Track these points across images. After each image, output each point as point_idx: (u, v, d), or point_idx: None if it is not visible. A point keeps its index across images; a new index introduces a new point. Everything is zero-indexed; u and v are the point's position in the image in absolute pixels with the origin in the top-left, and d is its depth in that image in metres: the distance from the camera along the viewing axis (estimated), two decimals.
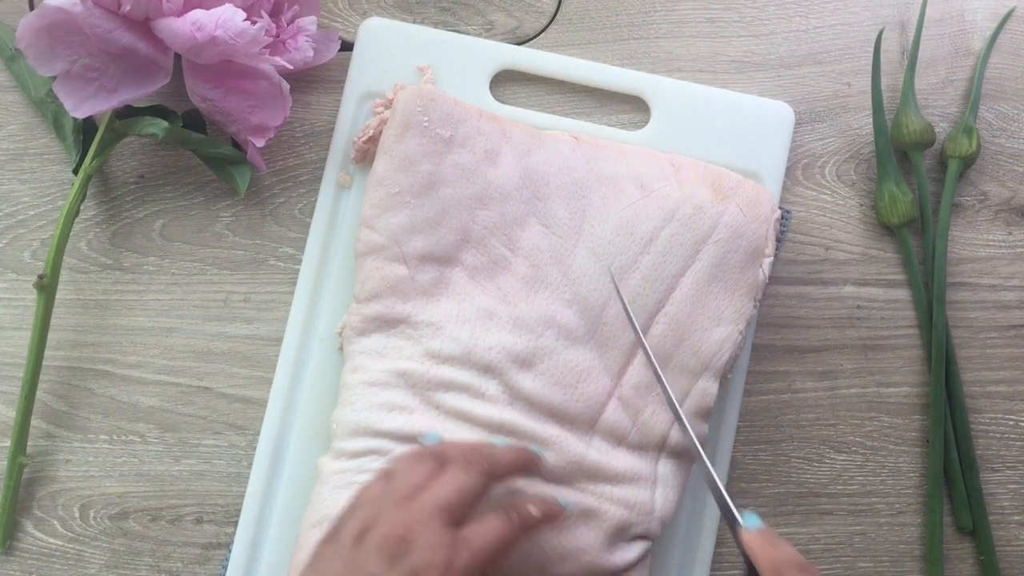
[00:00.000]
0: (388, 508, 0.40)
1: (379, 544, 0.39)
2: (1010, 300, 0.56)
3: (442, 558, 0.38)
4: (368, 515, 0.40)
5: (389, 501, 0.41)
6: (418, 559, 0.38)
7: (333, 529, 0.41)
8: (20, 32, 0.46)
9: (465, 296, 0.50)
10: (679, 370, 0.50)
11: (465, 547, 0.39)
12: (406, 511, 0.40)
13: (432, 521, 0.39)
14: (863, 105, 0.57)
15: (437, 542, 0.39)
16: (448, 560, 0.38)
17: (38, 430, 0.53)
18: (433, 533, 0.39)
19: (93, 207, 0.55)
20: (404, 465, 0.43)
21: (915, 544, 0.55)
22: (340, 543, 0.40)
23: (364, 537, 0.39)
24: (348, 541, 0.40)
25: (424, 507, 0.40)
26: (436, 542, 0.39)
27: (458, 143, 0.50)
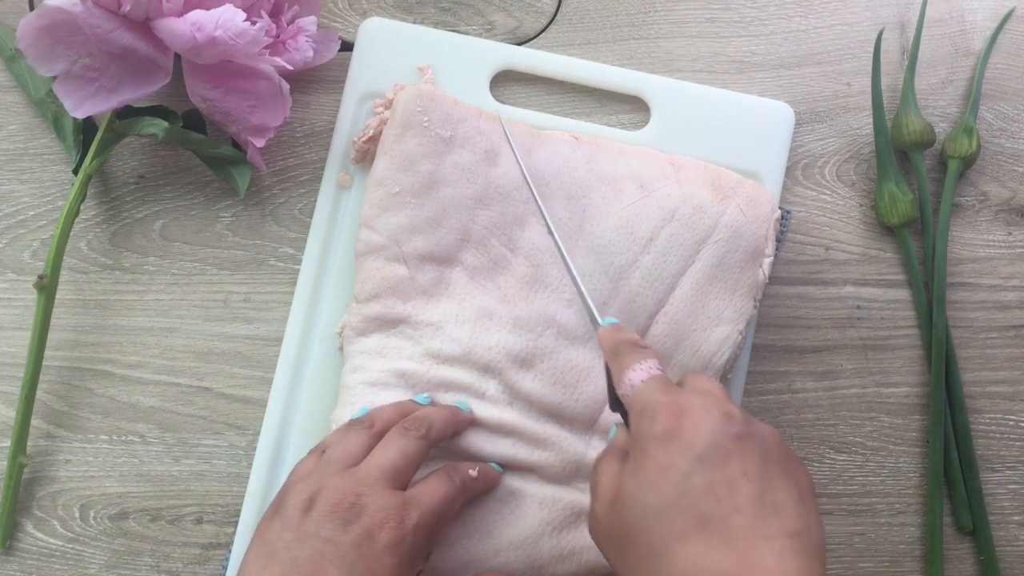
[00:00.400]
0: (331, 477, 0.41)
1: (330, 511, 0.40)
2: (1010, 300, 0.56)
3: (394, 517, 0.40)
4: (311, 487, 0.41)
5: (330, 471, 0.42)
6: (370, 520, 0.40)
7: (273, 506, 0.42)
8: (20, 32, 0.46)
9: (465, 296, 0.50)
10: (679, 369, 0.50)
11: (414, 506, 0.41)
12: (351, 478, 0.41)
13: (379, 485, 0.41)
14: (863, 105, 0.57)
15: (387, 503, 0.40)
16: (399, 519, 0.40)
17: (38, 430, 0.53)
18: (381, 495, 0.41)
19: (93, 207, 0.55)
20: (336, 438, 0.44)
21: (915, 544, 0.55)
22: (286, 516, 0.40)
23: (311, 507, 0.40)
24: (295, 513, 0.40)
25: (370, 472, 0.41)
26: (386, 503, 0.40)
27: (458, 143, 0.50)
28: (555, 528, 0.47)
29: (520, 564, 0.47)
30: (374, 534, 0.40)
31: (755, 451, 0.36)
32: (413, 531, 0.41)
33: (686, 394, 0.37)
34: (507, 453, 0.48)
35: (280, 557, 0.39)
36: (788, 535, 0.34)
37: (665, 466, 0.35)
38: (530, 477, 0.48)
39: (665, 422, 0.36)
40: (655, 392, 0.38)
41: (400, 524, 0.40)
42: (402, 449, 0.43)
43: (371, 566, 0.39)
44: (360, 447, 0.43)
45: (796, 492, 0.35)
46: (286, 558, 0.39)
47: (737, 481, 0.34)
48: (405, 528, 0.40)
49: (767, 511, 0.34)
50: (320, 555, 0.39)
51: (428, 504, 0.42)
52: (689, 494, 0.34)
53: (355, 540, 0.39)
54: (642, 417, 0.37)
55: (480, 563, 0.46)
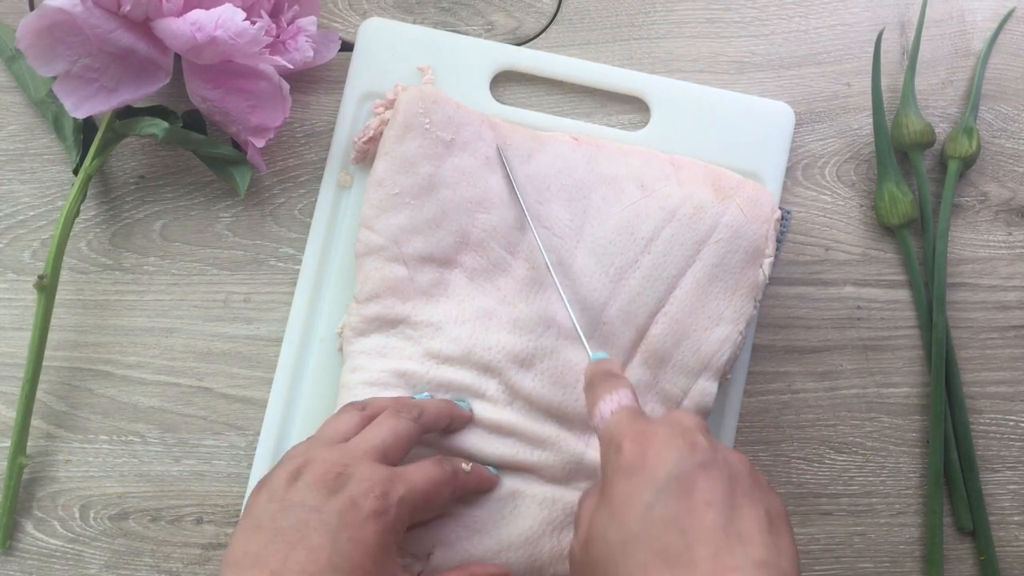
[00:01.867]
0: (320, 451, 0.41)
1: (315, 480, 0.40)
2: (1010, 300, 0.56)
3: (379, 488, 0.40)
4: (298, 461, 0.42)
5: (319, 446, 0.42)
6: (356, 489, 0.40)
7: (262, 481, 0.42)
8: (20, 32, 0.46)
9: (464, 297, 0.50)
10: (678, 369, 0.50)
11: (400, 480, 0.41)
12: (340, 451, 0.41)
13: (366, 458, 0.41)
14: (863, 105, 0.57)
15: (373, 475, 0.40)
16: (385, 490, 0.40)
17: (38, 430, 0.53)
18: (368, 467, 0.41)
19: (93, 207, 0.55)
20: (330, 419, 0.45)
21: (915, 545, 0.55)
22: (273, 488, 0.41)
23: (298, 478, 0.40)
24: (281, 484, 0.41)
25: (359, 446, 0.42)
26: (372, 475, 0.40)
27: (459, 146, 0.50)
28: (555, 528, 0.47)
29: (521, 564, 0.47)
30: (359, 503, 0.40)
31: (721, 479, 0.35)
32: (398, 504, 0.40)
33: (653, 424, 0.37)
34: (507, 453, 0.48)
35: (265, 527, 0.39)
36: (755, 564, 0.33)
37: (628, 498, 0.35)
38: (530, 477, 0.48)
39: (629, 452, 0.36)
40: (622, 422, 0.37)
41: (385, 495, 0.40)
42: (392, 428, 0.43)
43: (354, 534, 0.39)
44: (351, 427, 0.44)
45: (765, 520, 0.34)
46: (271, 527, 0.39)
47: (701, 511, 0.34)
48: (390, 499, 0.40)
49: (733, 541, 0.33)
50: (304, 523, 0.39)
51: (415, 481, 0.42)
52: (652, 526, 0.34)
53: (339, 508, 0.39)
54: (609, 448, 0.37)
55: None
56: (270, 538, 0.39)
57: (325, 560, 0.38)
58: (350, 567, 0.38)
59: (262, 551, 0.38)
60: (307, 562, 0.38)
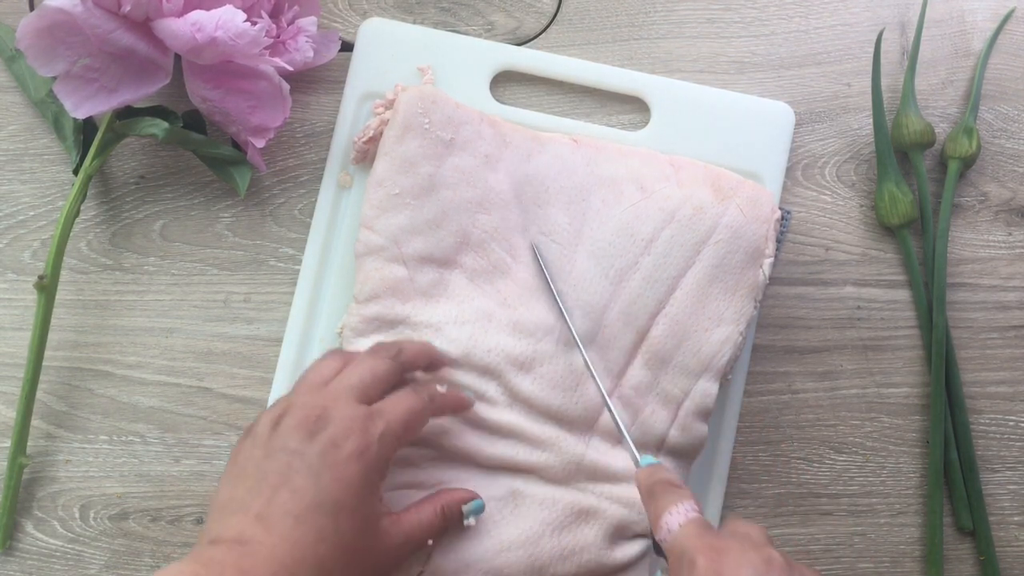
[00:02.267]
0: (301, 396, 0.42)
1: (296, 424, 0.41)
2: (1010, 301, 0.56)
3: (359, 427, 0.41)
4: (280, 407, 0.42)
5: (299, 392, 0.43)
6: (336, 430, 0.40)
7: (248, 429, 0.43)
8: (20, 32, 0.46)
9: (464, 298, 0.50)
10: (679, 370, 0.50)
11: (379, 417, 0.42)
12: (319, 394, 0.42)
13: (345, 398, 0.42)
14: (863, 105, 0.57)
15: (352, 414, 0.41)
16: (364, 428, 0.41)
17: (38, 430, 0.53)
18: (347, 407, 0.41)
19: (93, 207, 0.55)
20: (314, 364, 0.45)
21: (915, 545, 0.55)
22: (257, 435, 0.42)
23: (280, 423, 0.41)
24: (264, 431, 0.41)
25: (337, 388, 0.43)
26: (351, 414, 0.41)
27: (459, 146, 0.50)
28: (556, 528, 0.47)
29: (521, 564, 0.47)
30: (339, 443, 0.40)
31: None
32: (379, 440, 0.41)
33: (724, 538, 0.37)
34: (507, 454, 0.48)
35: (250, 473, 0.40)
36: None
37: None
38: (530, 478, 0.48)
39: (704, 569, 0.36)
40: (692, 536, 0.37)
41: (365, 432, 0.41)
42: (371, 367, 0.44)
43: (337, 474, 0.40)
44: (331, 371, 0.44)
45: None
46: (255, 473, 0.40)
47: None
48: (370, 437, 0.41)
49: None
50: (287, 466, 0.40)
51: (394, 415, 0.42)
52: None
53: (320, 450, 0.40)
54: (681, 562, 0.37)
55: (481, 563, 0.46)
56: (254, 483, 0.40)
57: (309, 500, 0.39)
58: (334, 505, 0.39)
59: (246, 496, 0.39)
60: (291, 503, 0.39)
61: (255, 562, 0.37)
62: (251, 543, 0.38)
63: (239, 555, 0.37)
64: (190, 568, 0.37)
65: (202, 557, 0.38)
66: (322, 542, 0.39)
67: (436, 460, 0.48)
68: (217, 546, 0.38)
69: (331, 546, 0.39)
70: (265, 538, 0.38)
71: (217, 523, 0.39)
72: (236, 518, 0.39)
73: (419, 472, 0.48)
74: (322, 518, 0.39)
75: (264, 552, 0.38)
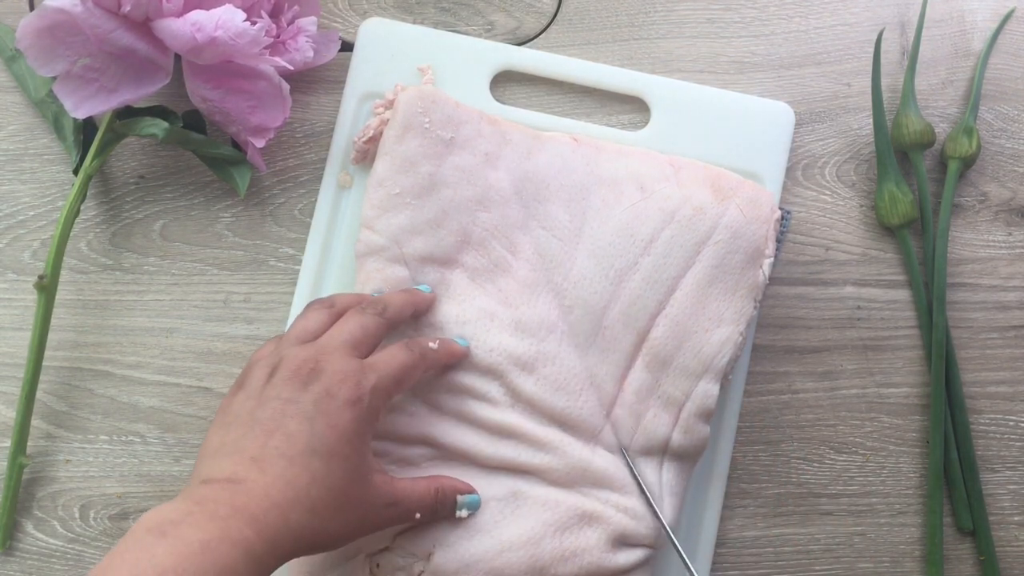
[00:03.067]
0: (291, 350, 0.43)
1: (290, 375, 0.42)
2: (1010, 301, 0.56)
3: (352, 378, 0.42)
4: (271, 360, 0.43)
5: (290, 345, 0.43)
6: (329, 380, 0.41)
7: (236, 384, 0.43)
8: (20, 32, 0.46)
9: (466, 297, 0.50)
10: (680, 372, 0.49)
11: (372, 370, 0.43)
12: (311, 347, 0.43)
13: (338, 351, 0.43)
14: (863, 105, 0.57)
15: (345, 366, 0.42)
16: (357, 380, 0.42)
17: (38, 430, 0.53)
18: (340, 359, 0.42)
19: (93, 207, 0.55)
20: (298, 318, 0.46)
21: (915, 545, 0.55)
22: (249, 387, 0.42)
23: (273, 375, 0.42)
24: (256, 385, 0.42)
25: (330, 342, 0.43)
26: (344, 366, 0.42)
27: (459, 145, 0.50)
28: (557, 529, 0.47)
29: (522, 564, 0.47)
30: (333, 392, 0.41)
31: None
32: (371, 392, 0.42)
33: None
34: (508, 455, 0.48)
35: (243, 420, 0.41)
36: None
37: None
38: (532, 479, 0.48)
39: None
40: None
41: (358, 384, 0.42)
42: (360, 323, 0.44)
43: (331, 420, 0.40)
44: (320, 325, 0.45)
45: None
46: (248, 420, 0.41)
47: None
48: (363, 388, 0.42)
49: None
50: (281, 413, 0.40)
51: (386, 368, 0.43)
52: None
53: (315, 398, 0.41)
54: None
55: (481, 563, 0.46)
56: (248, 428, 0.40)
57: (304, 444, 0.40)
58: (327, 451, 0.40)
59: (240, 440, 0.40)
60: (286, 446, 0.39)
61: (248, 500, 0.38)
62: (245, 482, 0.39)
63: (232, 493, 0.38)
64: (183, 506, 0.37)
65: (195, 495, 0.38)
66: (314, 484, 0.39)
67: (437, 460, 0.48)
68: (210, 485, 0.39)
69: (323, 489, 0.40)
70: (259, 478, 0.39)
71: (209, 466, 0.40)
72: (229, 460, 0.39)
73: (419, 472, 0.48)
74: (316, 461, 0.40)
75: (258, 491, 0.38)
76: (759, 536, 0.54)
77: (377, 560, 0.47)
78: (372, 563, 0.47)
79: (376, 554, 0.47)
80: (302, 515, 0.39)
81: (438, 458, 0.48)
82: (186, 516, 0.36)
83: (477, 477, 0.48)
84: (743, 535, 0.54)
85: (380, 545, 0.47)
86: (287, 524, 0.38)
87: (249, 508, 0.38)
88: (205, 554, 0.35)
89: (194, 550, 0.35)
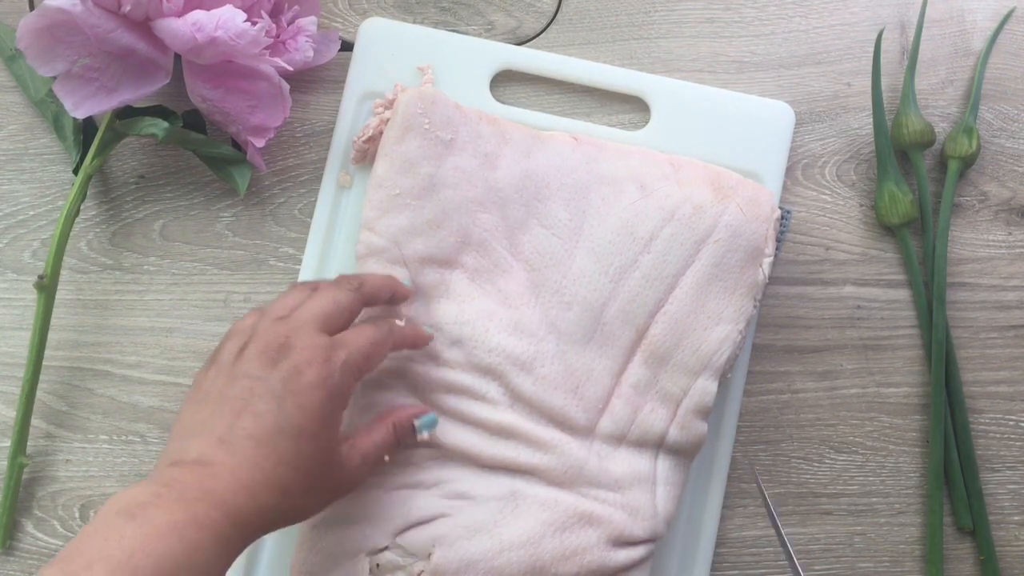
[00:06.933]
0: (264, 326, 0.43)
1: (259, 352, 0.42)
2: (1010, 300, 0.56)
3: (320, 355, 0.42)
4: (245, 335, 0.43)
5: (265, 321, 0.43)
6: (298, 357, 0.41)
7: (210, 358, 0.44)
8: (20, 32, 0.46)
9: (465, 298, 0.50)
10: (678, 369, 0.50)
11: (340, 346, 0.43)
12: (283, 324, 0.43)
13: (308, 327, 0.43)
14: (863, 105, 0.57)
15: (314, 342, 0.42)
16: (326, 356, 0.42)
17: (38, 430, 0.53)
18: (309, 336, 0.42)
19: (93, 207, 0.55)
20: (280, 296, 0.46)
21: (915, 544, 0.55)
22: (221, 362, 0.43)
23: (243, 352, 0.42)
24: (228, 359, 0.42)
25: (300, 318, 0.43)
26: (313, 343, 0.42)
27: (458, 146, 0.50)
28: (557, 529, 0.47)
29: (522, 564, 0.47)
30: (301, 370, 0.41)
31: None
32: (340, 369, 0.42)
33: None
34: (508, 455, 0.48)
35: (212, 397, 0.41)
36: None
37: None
38: (531, 479, 0.48)
39: None
40: None
41: (327, 361, 0.42)
42: (333, 298, 0.44)
43: (299, 400, 0.40)
44: (295, 302, 0.45)
45: None
46: (217, 397, 0.41)
47: None
48: (332, 365, 0.42)
49: None
50: (249, 391, 0.41)
51: (355, 345, 0.43)
52: None
53: (283, 376, 0.41)
54: None
55: (482, 563, 0.46)
56: (216, 407, 0.41)
57: (271, 424, 0.40)
58: (295, 430, 0.40)
59: (208, 419, 0.40)
60: (253, 427, 0.40)
61: (216, 483, 0.38)
62: (213, 464, 0.39)
63: (201, 476, 0.38)
64: (152, 488, 0.37)
65: (163, 477, 0.38)
66: (282, 464, 0.40)
67: (436, 460, 0.48)
68: (179, 467, 0.39)
69: (291, 469, 0.40)
70: (227, 459, 0.39)
71: (178, 446, 0.40)
72: (197, 441, 0.40)
73: (419, 472, 0.48)
74: (284, 441, 0.40)
75: (226, 473, 0.39)
76: (759, 536, 0.54)
77: (377, 560, 0.47)
78: (372, 563, 0.47)
79: (376, 554, 0.47)
80: (271, 495, 0.39)
81: (437, 458, 0.48)
82: (154, 498, 0.37)
83: (477, 477, 0.48)
84: (743, 535, 0.54)
85: (380, 545, 0.47)
86: (256, 505, 0.39)
87: (217, 491, 0.38)
88: (172, 535, 0.36)
89: (161, 531, 0.36)
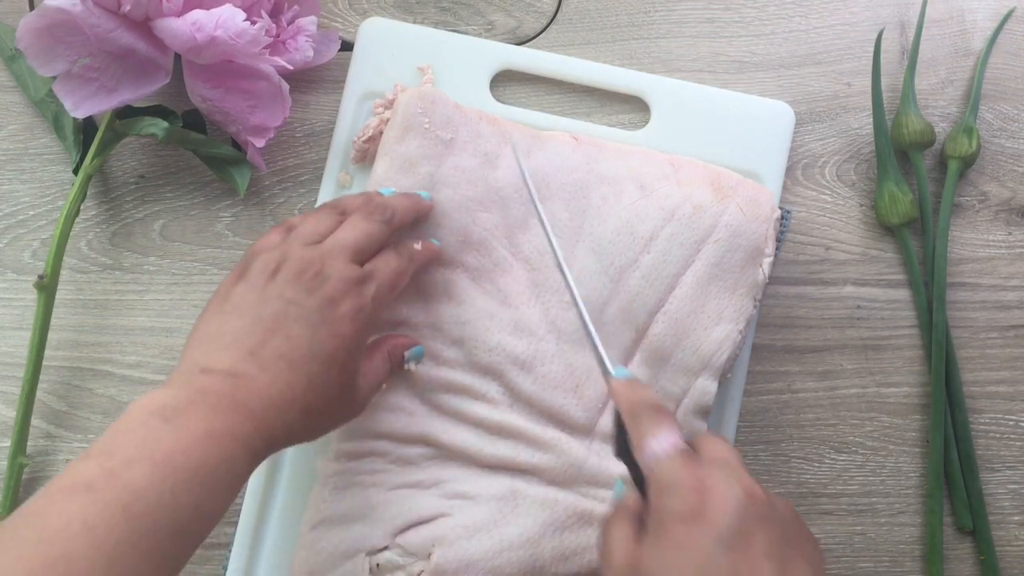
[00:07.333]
0: (296, 250, 0.43)
1: (294, 277, 0.42)
2: (1010, 300, 0.56)
3: (354, 288, 0.43)
4: (276, 256, 0.43)
5: (296, 245, 0.44)
6: (332, 288, 0.42)
7: (236, 272, 0.44)
8: (20, 32, 0.46)
9: (465, 297, 0.50)
10: (678, 368, 0.50)
11: (371, 279, 0.44)
12: (317, 250, 0.43)
13: (341, 257, 0.44)
14: (863, 105, 0.57)
15: (348, 274, 0.43)
16: (359, 290, 0.43)
17: (38, 430, 0.53)
18: (344, 267, 0.43)
19: (93, 207, 0.55)
20: (304, 218, 0.46)
21: (915, 544, 0.55)
22: (250, 280, 0.43)
23: (277, 273, 0.42)
24: (259, 278, 0.43)
25: (334, 247, 0.44)
26: (347, 275, 0.43)
27: (459, 146, 0.50)
28: (557, 528, 0.47)
29: (522, 564, 0.47)
30: (337, 301, 0.42)
31: (777, 532, 0.36)
32: (372, 301, 0.43)
33: (708, 468, 0.38)
34: (507, 454, 0.48)
35: (243, 312, 0.41)
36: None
37: (688, 547, 0.36)
38: (531, 478, 0.48)
39: (689, 501, 0.36)
40: (679, 468, 0.38)
41: (360, 294, 0.43)
42: (365, 230, 0.45)
43: (333, 330, 0.42)
44: (327, 227, 0.45)
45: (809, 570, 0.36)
46: (250, 314, 0.41)
47: (759, 563, 0.35)
48: (364, 298, 0.43)
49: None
50: (284, 314, 0.41)
51: (384, 277, 0.44)
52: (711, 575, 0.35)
53: (318, 304, 0.42)
54: (664, 493, 0.37)
55: (481, 563, 0.46)
56: (250, 323, 0.41)
57: (304, 348, 0.41)
58: (328, 357, 0.41)
59: (240, 332, 0.41)
60: (286, 348, 0.41)
61: (248, 396, 0.39)
62: (244, 377, 0.39)
63: (233, 387, 0.39)
64: (184, 394, 0.38)
65: (195, 383, 0.39)
66: (311, 390, 0.41)
67: (436, 459, 0.48)
68: (209, 375, 0.39)
69: (318, 393, 0.41)
70: (259, 375, 0.40)
71: (206, 352, 0.41)
72: (228, 352, 0.40)
73: (419, 471, 0.48)
74: (315, 366, 0.41)
75: (257, 388, 0.39)
76: None
77: (377, 560, 0.47)
78: (372, 563, 0.47)
79: (376, 554, 0.47)
80: (296, 415, 0.40)
81: (437, 458, 0.48)
82: (188, 405, 0.38)
83: (476, 476, 0.48)
84: None
85: (380, 545, 0.47)
86: (283, 422, 0.40)
87: (248, 404, 0.39)
88: (209, 442, 0.37)
89: (199, 437, 0.37)
